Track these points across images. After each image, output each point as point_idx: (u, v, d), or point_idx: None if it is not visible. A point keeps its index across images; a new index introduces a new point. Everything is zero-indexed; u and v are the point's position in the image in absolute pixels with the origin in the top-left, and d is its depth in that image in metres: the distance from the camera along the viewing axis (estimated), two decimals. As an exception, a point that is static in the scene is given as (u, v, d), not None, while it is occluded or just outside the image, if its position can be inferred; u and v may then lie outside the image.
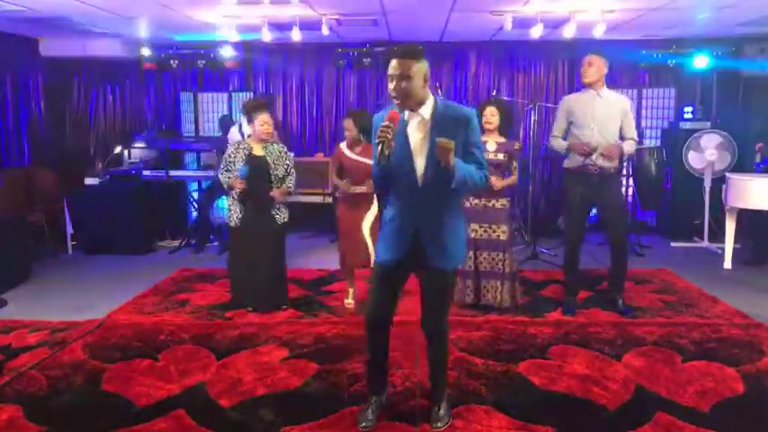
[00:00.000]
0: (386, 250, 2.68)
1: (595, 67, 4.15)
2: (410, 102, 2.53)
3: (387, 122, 2.46)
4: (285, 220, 4.51)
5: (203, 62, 7.44)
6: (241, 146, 4.42)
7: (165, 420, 2.88)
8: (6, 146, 6.74)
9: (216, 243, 6.84)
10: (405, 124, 2.58)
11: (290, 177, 4.50)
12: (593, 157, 4.14)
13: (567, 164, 4.36)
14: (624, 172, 6.84)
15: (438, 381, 2.91)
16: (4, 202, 6.01)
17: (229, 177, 4.36)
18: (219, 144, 6.74)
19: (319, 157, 7.25)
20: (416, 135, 2.58)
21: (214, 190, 6.97)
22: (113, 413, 2.98)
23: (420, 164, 2.57)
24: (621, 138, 4.25)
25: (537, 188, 7.54)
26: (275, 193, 4.37)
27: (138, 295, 4.93)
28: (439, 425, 2.80)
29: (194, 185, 7.48)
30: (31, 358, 3.62)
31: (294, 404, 3.06)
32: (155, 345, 3.85)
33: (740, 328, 4.07)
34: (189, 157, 7.91)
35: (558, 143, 4.35)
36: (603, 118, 4.17)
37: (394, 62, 2.50)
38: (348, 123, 4.37)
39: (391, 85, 2.51)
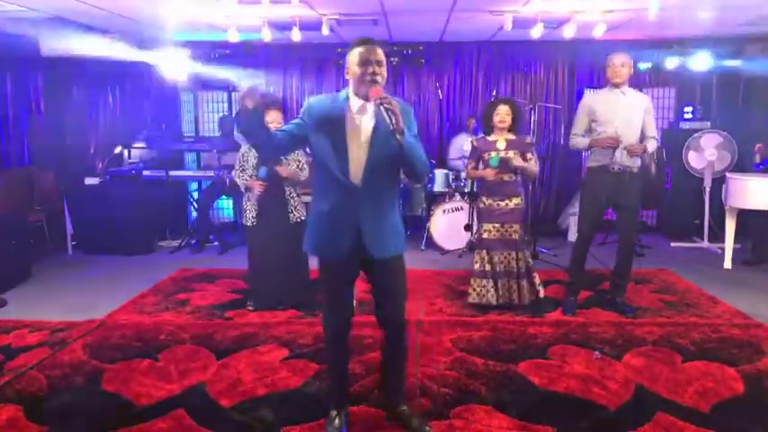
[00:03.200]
0: (329, 247, 2.57)
1: (627, 68, 4.18)
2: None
3: (384, 95, 2.36)
4: (300, 218, 4.48)
5: (203, 62, 7.44)
6: None
7: (165, 420, 2.88)
8: (6, 146, 6.73)
9: (216, 243, 6.84)
10: (345, 113, 2.51)
11: (303, 172, 4.48)
12: (617, 154, 4.13)
13: (590, 163, 4.34)
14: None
15: (397, 381, 2.86)
16: (4, 202, 6.02)
17: (246, 178, 4.37)
18: (222, 145, 6.75)
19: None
20: (369, 124, 2.50)
21: (214, 190, 6.98)
22: (113, 413, 2.98)
23: (360, 156, 2.49)
24: (642, 136, 4.24)
25: (537, 188, 7.54)
26: (281, 168, 4.33)
27: (138, 295, 4.93)
28: (427, 429, 2.75)
29: (194, 185, 7.48)
30: (31, 358, 3.62)
31: (294, 404, 3.06)
32: (155, 345, 3.85)
33: (740, 328, 4.07)
34: (189, 157, 7.91)
35: (580, 141, 4.33)
36: (627, 116, 4.17)
37: (375, 49, 2.48)
38: None
39: (377, 70, 2.46)
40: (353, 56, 2.52)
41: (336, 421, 2.77)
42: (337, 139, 2.49)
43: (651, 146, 4.27)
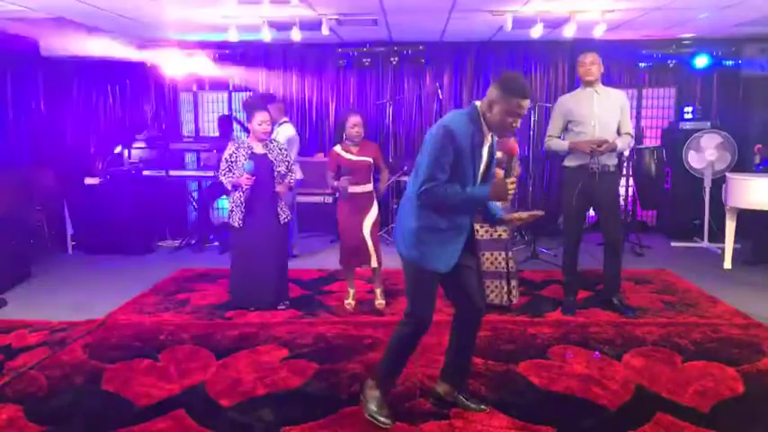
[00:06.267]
0: (447, 258, 2.72)
1: (597, 65, 4.21)
2: None
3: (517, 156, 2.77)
4: (288, 219, 4.52)
5: (203, 62, 7.44)
6: (242, 145, 4.41)
7: (165, 420, 2.88)
8: (6, 146, 6.73)
9: (216, 243, 6.84)
10: (483, 144, 2.69)
11: (291, 174, 4.51)
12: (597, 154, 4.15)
13: (567, 162, 4.35)
14: (624, 172, 6.85)
15: (470, 365, 3.12)
16: (4, 202, 6.01)
17: (232, 177, 4.34)
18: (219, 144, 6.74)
19: (319, 157, 7.24)
20: (485, 153, 2.71)
21: (214, 190, 6.97)
22: (113, 413, 2.98)
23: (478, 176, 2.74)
24: (618, 133, 4.26)
25: (537, 188, 7.54)
26: (279, 187, 4.37)
27: (138, 295, 4.92)
28: (483, 406, 2.96)
29: (194, 185, 7.48)
30: (30, 358, 3.63)
31: (294, 404, 3.06)
32: (155, 345, 3.85)
33: (740, 328, 4.07)
34: (189, 157, 7.92)
35: (558, 143, 4.34)
36: (604, 114, 4.19)
37: (527, 102, 2.58)
38: (358, 120, 4.34)
39: (517, 122, 2.60)
40: (507, 101, 2.55)
41: (386, 405, 2.89)
42: (476, 165, 2.67)
43: (625, 142, 4.27)
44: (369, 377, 2.98)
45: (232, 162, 4.35)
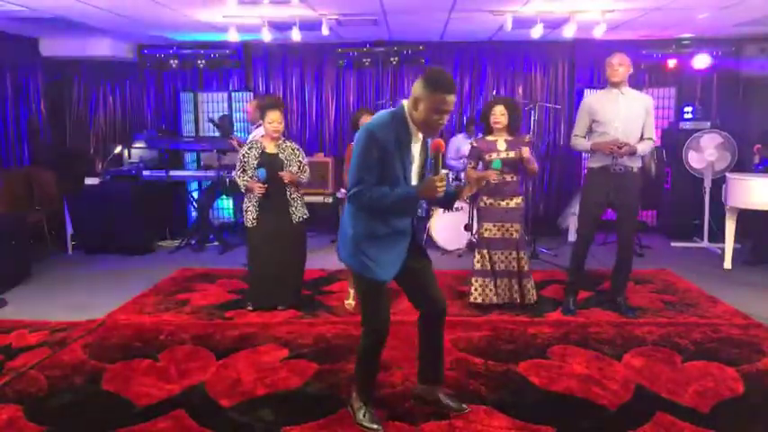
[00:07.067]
0: (391, 265, 2.67)
1: (625, 67, 4.19)
2: None
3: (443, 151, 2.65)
4: (302, 218, 4.51)
5: (203, 62, 7.45)
6: (254, 145, 4.42)
7: (165, 420, 2.88)
8: (6, 146, 6.74)
9: (216, 243, 6.84)
10: (410, 142, 2.61)
11: (304, 174, 4.51)
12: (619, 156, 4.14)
13: (590, 164, 4.34)
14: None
15: (442, 361, 3.02)
16: (4, 202, 6.02)
17: (247, 180, 4.36)
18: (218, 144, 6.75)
19: (319, 157, 7.25)
20: (418, 152, 2.66)
21: (214, 190, 6.97)
22: (113, 413, 2.98)
23: (413, 179, 2.68)
24: (640, 137, 4.24)
25: (537, 188, 7.54)
26: (285, 174, 4.36)
27: (138, 295, 4.93)
28: (464, 406, 2.95)
29: (194, 185, 7.48)
30: (30, 358, 3.62)
31: (294, 404, 3.06)
32: (155, 345, 3.85)
33: (740, 328, 4.07)
34: (189, 157, 7.92)
35: (582, 143, 4.33)
36: (628, 116, 4.17)
37: (453, 98, 2.51)
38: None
39: (443, 119, 2.53)
40: (432, 98, 2.46)
41: (371, 412, 2.86)
42: (406, 165, 2.60)
43: (646, 146, 4.25)
44: (352, 391, 2.95)
45: (245, 162, 4.38)
